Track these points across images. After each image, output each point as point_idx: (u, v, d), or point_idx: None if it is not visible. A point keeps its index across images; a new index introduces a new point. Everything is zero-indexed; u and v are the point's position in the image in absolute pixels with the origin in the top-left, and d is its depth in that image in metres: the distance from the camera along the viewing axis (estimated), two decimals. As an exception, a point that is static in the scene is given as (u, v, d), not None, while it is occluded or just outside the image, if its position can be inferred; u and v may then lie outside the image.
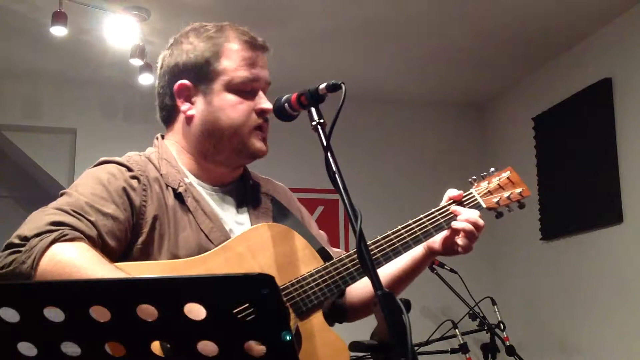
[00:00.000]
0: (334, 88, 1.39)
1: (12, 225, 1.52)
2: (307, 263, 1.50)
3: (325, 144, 1.35)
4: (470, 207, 1.69)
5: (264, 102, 1.60)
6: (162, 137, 1.69)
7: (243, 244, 1.51)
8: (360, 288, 1.69)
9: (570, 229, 4.55)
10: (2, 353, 0.92)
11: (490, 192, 1.73)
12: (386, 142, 5.55)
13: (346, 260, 1.53)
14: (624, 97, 4.19)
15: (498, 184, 1.75)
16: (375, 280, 1.18)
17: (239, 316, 0.90)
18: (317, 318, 1.46)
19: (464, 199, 1.70)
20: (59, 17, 3.80)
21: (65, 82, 5.05)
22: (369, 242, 1.51)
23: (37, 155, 5.20)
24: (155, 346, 0.92)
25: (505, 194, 1.74)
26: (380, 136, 5.54)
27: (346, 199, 1.29)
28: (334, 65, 4.80)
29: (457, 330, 4.03)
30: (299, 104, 1.46)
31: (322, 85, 1.40)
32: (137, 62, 4.20)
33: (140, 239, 1.48)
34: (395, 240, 1.59)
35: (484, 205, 1.71)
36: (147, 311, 0.89)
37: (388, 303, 1.14)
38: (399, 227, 1.61)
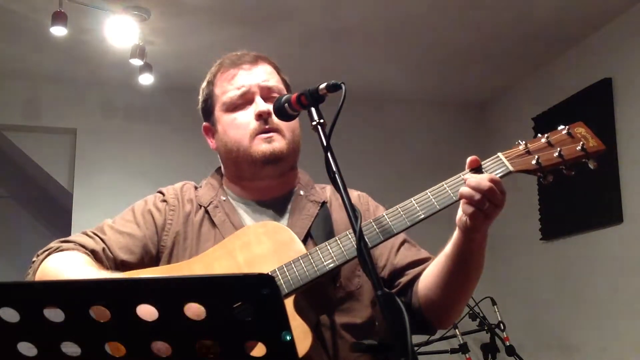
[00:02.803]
0: (334, 88, 1.38)
1: (12, 225, 1.62)
2: (289, 255, 1.47)
3: (325, 144, 1.35)
4: (494, 172, 1.46)
5: (258, 106, 1.62)
6: None
7: (232, 244, 1.53)
8: (426, 279, 1.56)
9: (570, 229, 4.55)
10: (2, 353, 0.92)
11: (528, 152, 1.47)
12: (386, 142, 5.55)
13: (324, 247, 1.46)
14: (624, 97, 4.19)
15: (547, 142, 1.48)
16: (375, 280, 1.18)
17: (236, 313, 0.90)
18: (288, 304, 1.44)
19: (484, 164, 1.48)
20: (59, 17, 3.80)
21: (65, 82, 5.05)
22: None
23: (37, 155, 5.20)
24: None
25: (556, 152, 1.46)
26: (380, 136, 5.54)
27: (346, 199, 1.29)
28: (334, 65, 4.80)
29: (457, 330, 4.03)
30: (299, 103, 1.46)
31: (322, 85, 1.40)
32: (137, 62, 4.21)
33: (165, 253, 1.61)
34: (389, 221, 1.45)
35: (511, 168, 1.46)
36: (147, 311, 0.89)
37: (388, 303, 1.14)
38: (397, 206, 1.47)
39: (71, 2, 3.80)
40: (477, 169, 1.48)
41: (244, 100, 1.64)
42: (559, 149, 1.46)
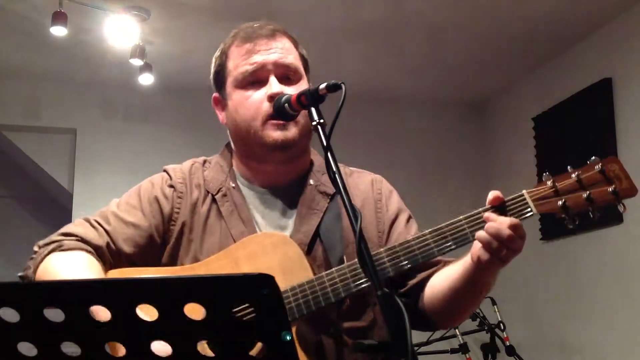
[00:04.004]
0: (334, 88, 1.37)
1: (12, 225, 1.60)
2: (295, 274, 1.43)
3: (325, 144, 1.34)
4: (515, 213, 1.39)
5: (271, 87, 1.55)
6: None
7: (239, 251, 1.49)
8: (434, 291, 1.54)
9: (570, 229, 4.53)
10: (2, 353, 0.92)
11: (556, 193, 1.39)
12: (386, 142, 5.55)
13: (335, 274, 1.43)
14: (624, 97, 4.19)
15: (576, 181, 1.38)
16: (375, 280, 1.18)
17: (238, 315, 0.90)
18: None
19: (508, 203, 1.40)
20: (59, 17, 3.80)
21: (65, 82, 5.05)
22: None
23: (37, 155, 5.20)
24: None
25: (584, 194, 1.37)
26: (380, 136, 5.54)
27: (346, 199, 1.28)
28: (334, 65, 4.80)
29: (457, 330, 4.03)
30: (299, 103, 1.45)
31: (322, 85, 1.38)
32: (137, 62, 4.21)
33: (170, 245, 1.57)
34: (400, 253, 1.42)
35: (535, 211, 1.39)
36: (147, 311, 0.89)
37: (388, 303, 1.14)
38: (410, 237, 1.44)
39: (71, 2, 3.80)
40: (498, 206, 1.40)
41: (257, 78, 1.57)
42: (588, 192, 1.37)
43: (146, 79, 4.43)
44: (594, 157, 1.39)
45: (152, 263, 1.55)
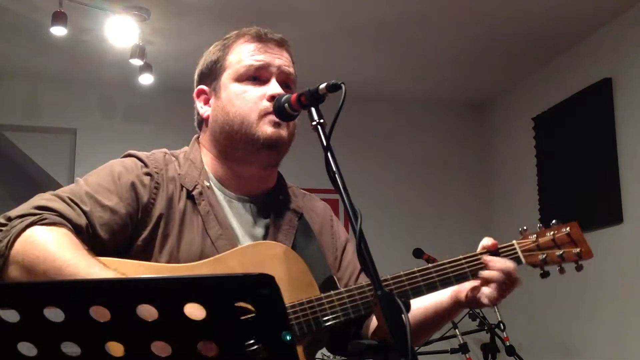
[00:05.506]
0: (334, 88, 1.37)
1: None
2: (302, 289, 1.43)
3: (325, 144, 1.34)
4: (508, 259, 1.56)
5: (272, 88, 1.55)
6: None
7: (237, 259, 1.45)
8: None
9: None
10: (2, 353, 0.92)
11: (538, 247, 1.61)
12: (386, 142, 5.55)
13: (334, 298, 1.45)
14: (624, 97, 4.19)
15: (552, 240, 1.62)
16: (375, 280, 1.18)
17: (239, 315, 0.90)
18: (299, 351, 1.39)
19: (500, 250, 1.57)
20: (59, 17, 3.81)
21: (65, 82, 5.05)
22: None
23: (37, 155, 5.20)
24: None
25: (558, 252, 1.61)
26: (380, 136, 5.54)
27: (346, 199, 1.28)
28: (334, 65, 4.80)
29: (457, 330, 4.03)
30: (299, 103, 1.45)
31: (322, 85, 1.38)
32: (137, 62, 4.21)
33: (142, 237, 1.48)
34: (405, 282, 1.48)
35: (524, 261, 1.59)
36: (147, 311, 0.89)
37: (388, 303, 1.14)
38: (415, 269, 1.50)
39: (71, 2, 3.80)
40: (493, 251, 1.55)
41: (259, 76, 1.57)
42: (562, 250, 1.62)
43: (146, 79, 4.43)
44: (555, 221, 1.62)
45: (121, 254, 1.45)
